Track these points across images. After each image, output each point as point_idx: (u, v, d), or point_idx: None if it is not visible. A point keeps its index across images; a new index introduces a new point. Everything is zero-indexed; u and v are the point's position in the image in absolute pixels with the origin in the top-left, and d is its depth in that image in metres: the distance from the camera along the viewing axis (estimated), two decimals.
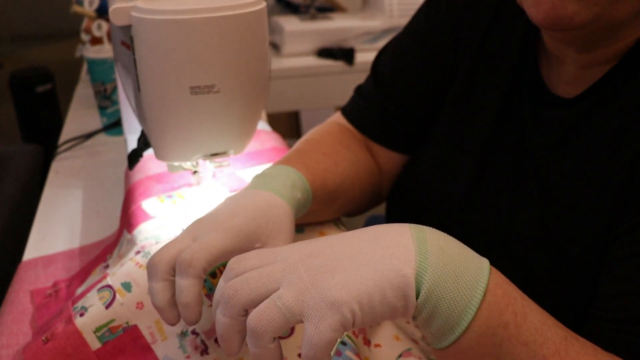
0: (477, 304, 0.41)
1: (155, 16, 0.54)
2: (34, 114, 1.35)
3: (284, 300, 0.40)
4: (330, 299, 0.39)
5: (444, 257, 0.41)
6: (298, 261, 0.42)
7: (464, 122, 0.68)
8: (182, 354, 0.57)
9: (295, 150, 0.68)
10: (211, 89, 0.57)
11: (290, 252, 0.43)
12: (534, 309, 0.44)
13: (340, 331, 0.39)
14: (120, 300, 0.56)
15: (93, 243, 0.80)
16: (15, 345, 0.62)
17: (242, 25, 0.56)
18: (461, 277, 0.41)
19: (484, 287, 0.41)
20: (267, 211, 0.54)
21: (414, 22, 0.75)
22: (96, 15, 1.25)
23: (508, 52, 0.64)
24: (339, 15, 1.80)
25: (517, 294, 0.44)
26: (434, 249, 0.41)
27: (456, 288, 0.41)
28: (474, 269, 0.42)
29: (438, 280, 0.40)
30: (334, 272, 0.41)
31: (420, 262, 0.41)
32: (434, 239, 0.42)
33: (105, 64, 1.12)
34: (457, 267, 0.41)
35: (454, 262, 0.41)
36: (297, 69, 1.60)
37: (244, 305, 0.41)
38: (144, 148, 0.70)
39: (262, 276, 0.42)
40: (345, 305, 0.39)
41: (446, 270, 0.41)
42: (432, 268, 0.41)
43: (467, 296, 0.41)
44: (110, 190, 0.94)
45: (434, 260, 0.41)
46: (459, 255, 0.42)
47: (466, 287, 0.41)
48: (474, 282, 0.41)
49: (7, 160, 1.14)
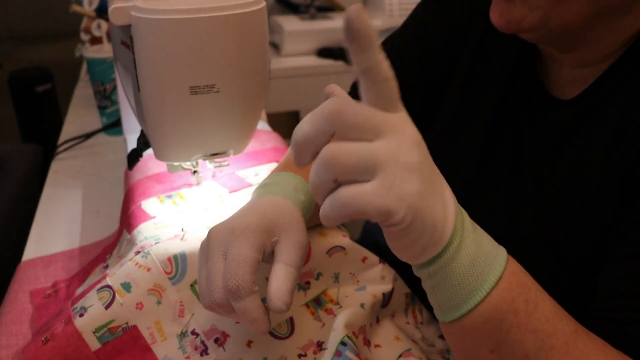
0: (488, 288, 0.42)
1: (155, 16, 0.54)
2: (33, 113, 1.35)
3: (376, 151, 0.38)
4: (408, 198, 0.39)
5: (468, 239, 0.43)
6: (396, 165, 0.39)
7: (462, 123, 0.68)
8: (182, 355, 0.57)
9: (292, 154, 0.68)
10: (211, 88, 0.57)
11: (392, 150, 0.40)
12: (547, 300, 0.45)
13: (386, 216, 0.38)
14: (120, 301, 0.56)
15: (93, 243, 0.80)
16: (15, 346, 0.62)
17: (242, 25, 0.56)
18: (477, 261, 0.42)
19: (499, 274, 0.42)
20: (275, 207, 0.54)
21: (412, 19, 0.74)
22: (96, 15, 1.25)
23: (505, 53, 0.65)
24: (339, 15, 1.80)
25: (532, 284, 0.45)
26: (468, 224, 0.43)
27: (470, 270, 0.42)
28: (492, 256, 0.43)
29: (454, 257, 0.42)
30: (419, 181, 0.40)
31: (456, 227, 0.42)
32: (468, 220, 0.44)
33: (105, 64, 1.12)
34: (478, 251, 0.42)
35: (476, 245, 0.42)
36: (297, 68, 1.60)
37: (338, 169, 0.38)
38: (143, 148, 0.70)
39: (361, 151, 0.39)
40: (409, 208, 0.39)
41: (466, 252, 0.42)
42: (461, 234, 0.42)
43: (479, 280, 0.42)
44: (109, 191, 0.94)
45: (467, 232, 0.42)
46: (482, 238, 0.44)
47: (480, 272, 0.42)
48: (489, 267, 0.42)
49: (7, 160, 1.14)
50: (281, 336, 0.59)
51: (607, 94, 0.55)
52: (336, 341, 0.56)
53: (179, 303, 0.58)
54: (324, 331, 0.59)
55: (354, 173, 0.38)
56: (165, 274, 0.58)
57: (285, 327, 0.59)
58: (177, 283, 0.58)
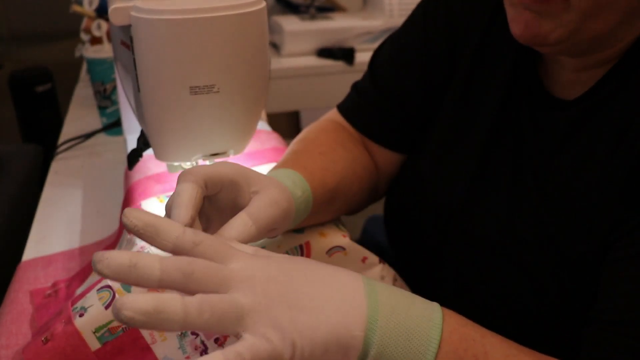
0: (431, 358, 0.41)
1: (155, 16, 0.54)
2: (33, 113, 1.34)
3: (239, 303, 0.40)
4: (279, 325, 0.40)
5: (394, 316, 0.42)
6: (256, 279, 0.41)
7: (463, 124, 0.67)
8: (182, 355, 0.57)
9: (291, 152, 0.67)
10: (211, 89, 0.57)
11: (249, 265, 0.42)
12: (495, 345, 0.44)
13: (271, 357, 0.39)
14: None
15: (93, 243, 0.80)
16: (15, 346, 0.62)
17: (242, 25, 0.56)
18: (413, 334, 0.41)
19: (438, 340, 0.42)
20: (267, 176, 0.54)
21: (411, 21, 0.74)
22: (96, 15, 1.25)
23: (506, 54, 0.64)
24: (339, 15, 1.80)
25: (476, 334, 0.44)
26: (385, 309, 0.42)
27: (408, 346, 0.41)
28: (426, 323, 0.42)
29: (388, 342, 0.41)
30: (290, 306, 0.41)
31: (370, 323, 0.41)
32: (385, 297, 0.43)
33: (105, 64, 1.12)
34: (409, 324, 0.42)
35: (405, 319, 0.42)
36: (297, 69, 1.60)
37: (181, 286, 0.40)
38: (143, 148, 0.70)
39: (213, 273, 0.41)
40: (289, 341, 0.40)
41: (397, 331, 0.41)
42: (382, 330, 0.41)
43: (421, 352, 0.41)
44: (109, 190, 0.94)
45: (384, 322, 0.41)
46: (409, 310, 0.42)
47: (419, 343, 0.41)
48: (427, 336, 0.42)
49: (7, 160, 1.14)
50: None
51: (609, 95, 0.55)
52: None
53: None
54: None
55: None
56: None
57: None
58: None
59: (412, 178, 0.72)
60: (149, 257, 0.40)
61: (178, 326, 0.39)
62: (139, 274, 0.40)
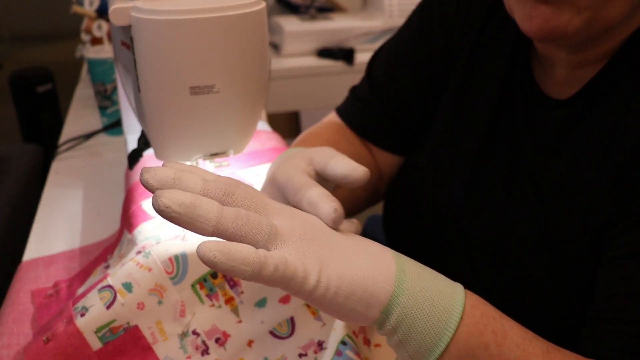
0: (454, 327, 0.41)
1: (155, 16, 0.54)
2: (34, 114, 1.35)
3: (274, 225, 0.41)
4: (310, 255, 0.40)
5: (420, 281, 0.42)
6: (295, 222, 0.42)
7: (459, 124, 0.68)
8: (183, 354, 0.57)
9: (297, 141, 0.69)
10: (211, 89, 0.57)
11: (288, 213, 0.43)
12: (513, 326, 0.45)
13: (295, 284, 0.39)
14: (121, 301, 0.56)
15: (93, 243, 0.80)
16: (16, 346, 0.62)
17: (242, 25, 0.56)
18: (437, 301, 0.42)
19: (461, 310, 0.42)
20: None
21: (408, 24, 0.75)
22: (96, 16, 1.25)
23: (501, 54, 0.65)
24: (339, 15, 1.80)
25: (495, 313, 0.44)
26: (412, 273, 0.42)
27: (432, 311, 0.41)
28: (449, 294, 0.43)
29: (413, 304, 0.41)
30: (322, 247, 0.42)
31: (398, 281, 0.42)
32: (412, 264, 0.44)
33: (106, 64, 1.12)
34: (433, 291, 0.42)
35: (430, 286, 0.42)
36: (297, 69, 1.60)
37: (227, 234, 0.40)
38: (144, 148, 0.70)
39: (253, 198, 0.42)
40: (317, 268, 0.40)
41: (422, 295, 0.42)
42: (408, 290, 0.41)
43: (443, 319, 0.41)
44: (110, 191, 0.94)
45: (410, 283, 0.42)
46: (434, 280, 0.43)
47: (442, 310, 0.42)
48: (450, 305, 0.42)
49: (7, 160, 1.14)
50: (282, 336, 0.59)
51: (601, 94, 0.55)
52: (336, 340, 0.56)
53: (180, 303, 0.58)
54: (325, 330, 0.59)
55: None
56: (167, 274, 0.58)
57: (285, 327, 0.59)
58: (178, 283, 0.58)
59: (410, 179, 0.73)
60: (193, 175, 0.42)
61: (211, 227, 0.39)
62: (182, 185, 0.41)
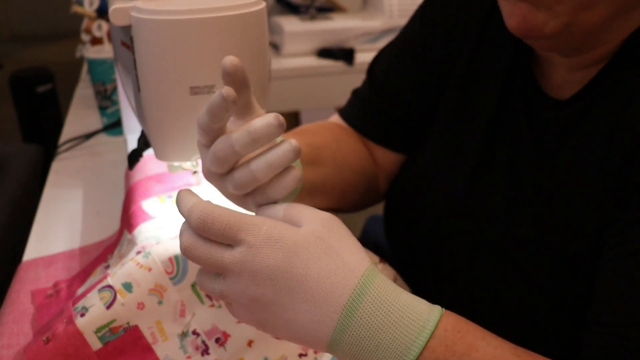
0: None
1: (155, 16, 0.54)
2: (34, 114, 1.34)
3: (220, 290, 0.45)
4: (249, 321, 0.45)
5: (367, 327, 0.42)
6: (239, 286, 0.44)
7: (460, 124, 0.68)
8: (183, 354, 0.57)
9: (289, 134, 0.70)
10: (211, 89, 0.57)
11: (240, 265, 0.44)
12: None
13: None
14: (121, 301, 0.56)
15: (93, 243, 0.80)
16: (16, 346, 0.62)
17: (242, 25, 0.56)
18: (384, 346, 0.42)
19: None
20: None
21: (408, 26, 0.76)
22: (96, 16, 1.25)
23: (501, 54, 0.65)
24: (339, 15, 1.80)
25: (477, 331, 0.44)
26: (359, 316, 0.42)
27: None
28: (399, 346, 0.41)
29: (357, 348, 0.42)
30: (261, 306, 0.43)
31: (339, 329, 0.42)
32: (372, 295, 0.42)
33: (106, 64, 1.12)
34: (381, 336, 0.41)
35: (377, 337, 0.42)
36: (297, 69, 1.60)
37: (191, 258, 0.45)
38: (144, 148, 0.70)
39: (212, 261, 0.44)
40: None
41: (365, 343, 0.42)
42: (350, 333, 0.42)
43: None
44: (110, 191, 0.94)
45: (355, 325, 0.42)
46: (387, 326, 0.42)
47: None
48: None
49: (7, 160, 1.14)
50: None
51: (601, 94, 0.56)
52: None
53: (180, 303, 0.58)
54: None
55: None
56: (167, 274, 0.58)
57: None
58: (178, 283, 0.58)
59: (411, 177, 0.73)
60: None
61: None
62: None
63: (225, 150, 0.45)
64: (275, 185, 0.47)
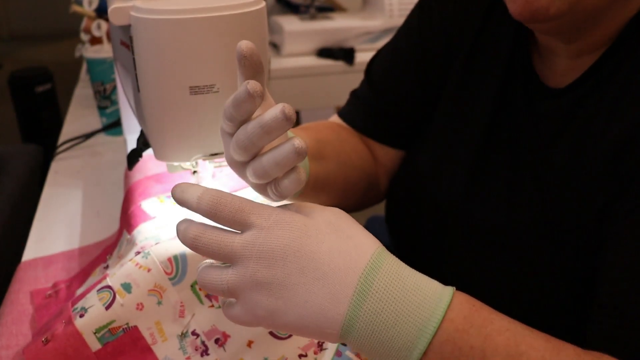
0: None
1: (155, 16, 0.54)
2: (33, 114, 1.34)
3: (227, 281, 0.44)
4: (259, 309, 0.43)
5: (380, 308, 0.41)
6: (247, 271, 0.43)
7: (460, 117, 0.68)
8: (183, 355, 0.57)
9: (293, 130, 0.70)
10: (211, 89, 0.57)
11: (248, 252, 0.43)
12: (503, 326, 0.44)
13: (251, 321, 0.44)
14: (120, 301, 0.56)
15: (93, 244, 0.80)
16: (15, 346, 0.62)
17: (242, 25, 0.56)
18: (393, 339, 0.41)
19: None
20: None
21: (406, 24, 0.76)
22: (95, 15, 1.25)
23: (501, 46, 0.65)
24: (339, 15, 1.80)
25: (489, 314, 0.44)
26: (373, 296, 0.41)
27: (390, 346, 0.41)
28: (411, 333, 0.41)
29: (369, 335, 0.41)
30: (271, 291, 0.42)
31: (344, 329, 0.41)
32: (383, 276, 0.42)
33: (105, 64, 1.12)
34: (389, 332, 0.41)
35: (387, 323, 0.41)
36: (297, 69, 1.60)
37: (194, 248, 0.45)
38: (143, 148, 0.70)
39: (222, 247, 0.44)
40: (266, 325, 0.44)
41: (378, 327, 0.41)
42: (365, 314, 0.41)
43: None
44: (109, 191, 0.94)
45: (368, 308, 0.41)
46: (398, 306, 0.41)
47: (401, 347, 0.41)
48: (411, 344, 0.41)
49: (7, 160, 1.14)
50: (282, 336, 0.59)
51: (600, 80, 0.56)
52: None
53: (180, 303, 0.58)
54: None
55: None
56: (166, 275, 0.58)
57: None
58: (177, 283, 0.58)
59: (411, 173, 0.73)
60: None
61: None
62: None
63: (244, 141, 0.45)
64: (285, 182, 0.47)
